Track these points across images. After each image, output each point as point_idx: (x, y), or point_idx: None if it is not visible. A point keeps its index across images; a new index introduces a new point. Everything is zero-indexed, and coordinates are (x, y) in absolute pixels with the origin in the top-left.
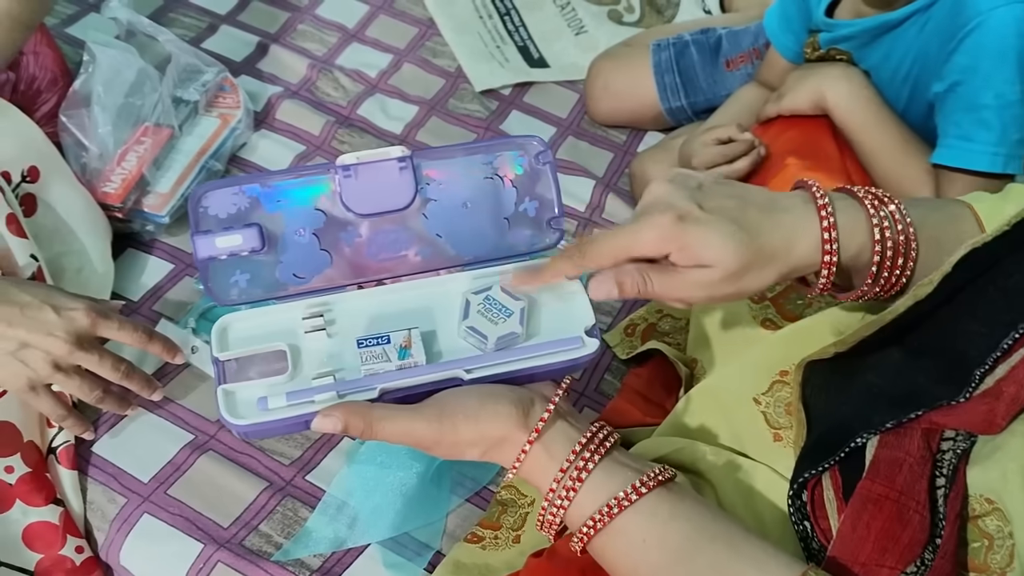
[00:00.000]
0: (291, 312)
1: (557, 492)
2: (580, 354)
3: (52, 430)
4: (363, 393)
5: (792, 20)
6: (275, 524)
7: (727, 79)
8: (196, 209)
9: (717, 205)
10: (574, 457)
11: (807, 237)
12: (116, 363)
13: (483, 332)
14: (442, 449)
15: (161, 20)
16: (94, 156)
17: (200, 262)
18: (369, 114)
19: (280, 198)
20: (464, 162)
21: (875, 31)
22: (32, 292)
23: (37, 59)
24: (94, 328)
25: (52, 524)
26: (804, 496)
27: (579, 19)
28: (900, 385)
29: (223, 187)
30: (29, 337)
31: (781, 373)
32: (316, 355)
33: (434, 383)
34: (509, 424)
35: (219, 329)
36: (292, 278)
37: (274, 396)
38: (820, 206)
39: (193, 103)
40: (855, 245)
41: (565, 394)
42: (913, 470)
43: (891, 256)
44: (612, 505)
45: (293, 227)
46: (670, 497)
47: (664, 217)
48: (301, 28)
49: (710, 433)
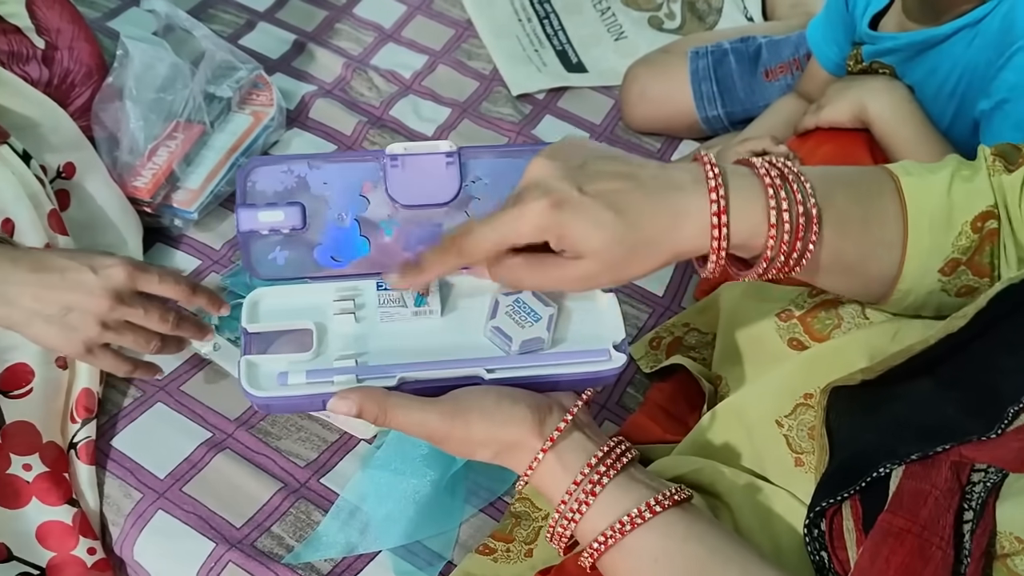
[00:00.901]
0: (322, 293)
1: (569, 504)
2: (606, 367)
3: (74, 426)
4: (382, 380)
5: (836, 31)
6: (287, 526)
7: (765, 89)
8: (244, 182)
9: (598, 188)
10: (588, 470)
11: (695, 220)
12: (163, 314)
13: (508, 334)
14: (452, 445)
15: (200, 16)
16: (125, 150)
17: (241, 235)
18: (401, 115)
19: (326, 180)
20: (510, 163)
21: (920, 46)
22: (71, 256)
23: (72, 53)
24: (132, 282)
25: (66, 524)
26: (822, 525)
27: (619, 24)
28: (929, 416)
29: (273, 164)
30: (72, 299)
31: (805, 396)
32: (341, 338)
33: (454, 379)
34: (523, 428)
35: (251, 301)
36: (329, 261)
37: (295, 372)
38: (712, 187)
39: (226, 100)
40: (747, 228)
41: (585, 405)
42: (939, 503)
43: (788, 239)
44: (625, 522)
45: (336, 210)
46: (685, 517)
47: (539, 203)
48: (338, 27)
49: (732, 453)
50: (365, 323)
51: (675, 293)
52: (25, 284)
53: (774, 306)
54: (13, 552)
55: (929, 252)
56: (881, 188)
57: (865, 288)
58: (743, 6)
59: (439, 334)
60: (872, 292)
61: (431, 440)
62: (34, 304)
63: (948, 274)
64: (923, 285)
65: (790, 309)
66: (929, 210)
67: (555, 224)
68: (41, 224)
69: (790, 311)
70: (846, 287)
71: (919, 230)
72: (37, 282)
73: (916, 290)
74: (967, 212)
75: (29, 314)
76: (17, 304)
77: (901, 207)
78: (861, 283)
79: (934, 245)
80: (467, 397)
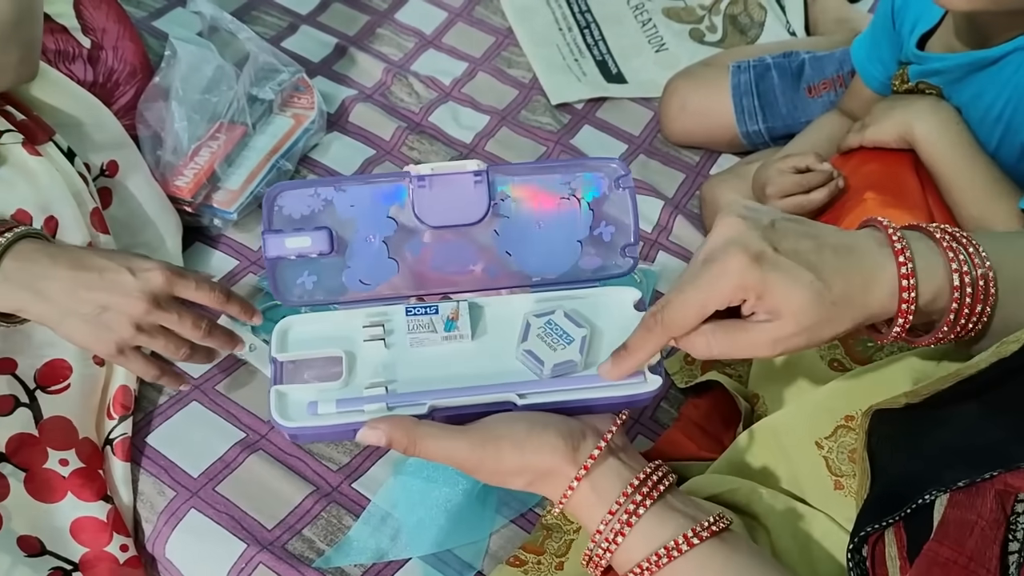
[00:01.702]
0: (351, 319)
1: (604, 534)
2: (641, 390)
3: (111, 422)
4: (413, 408)
5: (882, 51)
6: (318, 530)
7: (808, 105)
8: (271, 207)
9: (792, 247)
10: (624, 500)
11: (884, 283)
12: (196, 321)
13: (540, 357)
14: (484, 475)
15: (244, 17)
16: (168, 150)
17: (268, 261)
18: (440, 121)
19: (353, 203)
20: (540, 180)
21: (968, 67)
22: (110, 256)
23: (116, 53)
24: (170, 287)
25: (100, 520)
26: (864, 551)
27: (660, 36)
28: (976, 442)
29: (299, 188)
30: (108, 299)
31: (847, 418)
32: (371, 364)
33: (485, 405)
34: (556, 457)
35: (280, 330)
36: (358, 284)
37: (325, 402)
38: (897, 250)
39: (268, 102)
40: (931, 290)
41: (620, 429)
42: (985, 534)
43: (970, 302)
44: (661, 554)
45: (364, 233)
46: (723, 549)
47: (740, 260)
48: (379, 32)
49: (769, 473)
50: (395, 349)
51: None
52: (63, 281)
53: None
54: (46, 546)
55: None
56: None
57: None
58: (786, 20)
59: (470, 358)
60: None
61: (462, 469)
62: (70, 301)
63: None
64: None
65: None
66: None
67: (758, 281)
68: (84, 222)
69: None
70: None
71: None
72: (75, 280)
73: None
74: None
75: (64, 311)
76: (54, 300)
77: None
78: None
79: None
80: (497, 426)
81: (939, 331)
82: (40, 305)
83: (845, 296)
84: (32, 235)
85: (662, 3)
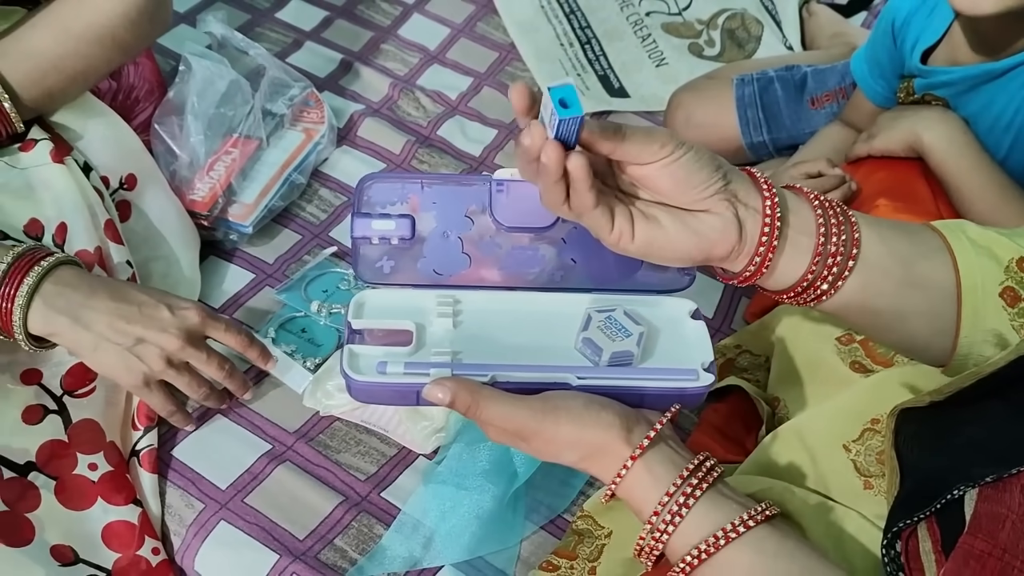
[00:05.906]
0: (423, 298)
1: (662, 516)
2: (693, 385)
3: (136, 433)
4: (476, 376)
5: (883, 65)
6: (350, 539)
7: (811, 116)
8: (361, 194)
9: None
10: (680, 483)
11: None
12: (221, 362)
13: (599, 345)
14: (539, 443)
15: (248, 34)
16: (184, 164)
17: (354, 240)
18: (449, 135)
19: (436, 199)
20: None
21: (976, 80)
22: (148, 292)
23: (137, 69)
24: (204, 327)
25: (131, 524)
26: (898, 546)
27: (660, 51)
28: (1002, 438)
29: (388, 180)
30: (145, 333)
31: (872, 421)
32: (439, 340)
33: (543, 383)
34: (611, 434)
35: (357, 302)
36: (431, 273)
37: (393, 363)
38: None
39: (280, 116)
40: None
41: (671, 421)
42: (1016, 527)
43: (835, 230)
44: (719, 536)
45: (442, 227)
46: (775, 534)
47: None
48: (384, 48)
49: (796, 474)
50: (461, 328)
51: (725, 315)
52: (102, 312)
53: (833, 329)
54: (79, 555)
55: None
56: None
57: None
58: (782, 35)
59: (531, 345)
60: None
61: (519, 435)
62: (107, 331)
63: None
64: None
65: (851, 332)
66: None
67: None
68: (96, 232)
69: (851, 334)
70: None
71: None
72: (114, 311)
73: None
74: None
75: (99, 340)
76: (91, 328)
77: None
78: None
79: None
80: (557, 398)
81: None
82: (76, 332)
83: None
84: (70, 262)
85: (661, 19)
